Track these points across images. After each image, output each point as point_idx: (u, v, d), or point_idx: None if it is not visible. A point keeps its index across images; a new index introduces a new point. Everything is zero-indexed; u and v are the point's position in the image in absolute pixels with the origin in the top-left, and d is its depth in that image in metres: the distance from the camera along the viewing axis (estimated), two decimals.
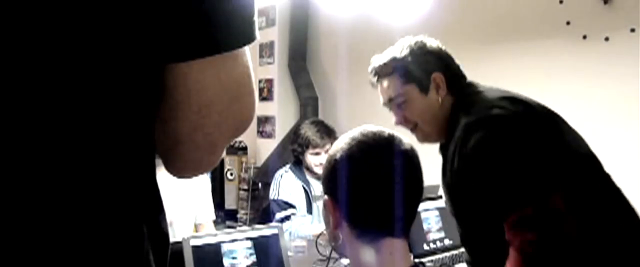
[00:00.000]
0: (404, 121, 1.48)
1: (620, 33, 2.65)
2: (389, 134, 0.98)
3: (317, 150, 2.72)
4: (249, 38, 0.58)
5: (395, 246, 0.95)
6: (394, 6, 3.62)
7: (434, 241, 2.25)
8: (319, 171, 2.85)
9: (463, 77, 1.50)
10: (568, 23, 2.83)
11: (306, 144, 2.73)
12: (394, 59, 1.47)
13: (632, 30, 2.61)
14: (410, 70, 1.45)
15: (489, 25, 3.22)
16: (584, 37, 2.79)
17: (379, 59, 1.52)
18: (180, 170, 0.63)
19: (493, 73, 3.21)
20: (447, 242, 2.30)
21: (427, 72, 1.44)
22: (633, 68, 2.58)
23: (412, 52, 1.47)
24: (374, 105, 4.17)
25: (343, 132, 1.03)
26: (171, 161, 0.62)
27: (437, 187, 2.69)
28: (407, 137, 1.02)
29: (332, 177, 0.98)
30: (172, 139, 0.59)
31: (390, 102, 1.49)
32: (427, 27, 3.47)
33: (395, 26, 3.57)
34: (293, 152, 2.84)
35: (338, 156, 0.97)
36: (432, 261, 2.14)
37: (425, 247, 2.22)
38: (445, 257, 2.20)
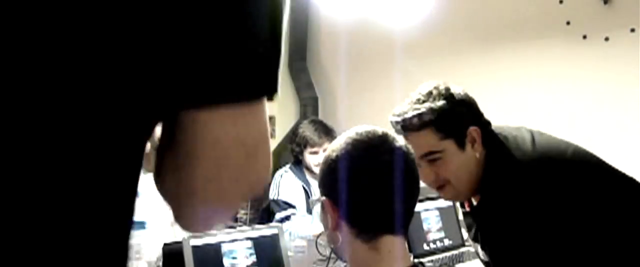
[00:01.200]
0: (435, 178, 1.34)
1: (620, 33, 2.65)
2: (383, 132, 0.99)
3: (315, 149, 2.73)
4: (270, 90, 0.54)
5: (395, 243, 0.95)
6: (394, 6, 3.62)
7: (434, 241, 2.25)
8: (318, 170, 2.84)
9: (489, 124, 1.36)
10: (568, 23, 2.84)
11: (304, 144, 2.74)
12: (431, 110, 1.29)
13: (632, 30, 2.61)
14: (448, 124, 1.30)
15: (489, 25, 3.22)
16: (584, 37, 2.79)
17: (407, 110, 1.33)
18: (190, 224, 0.60)
19: (493, 73, 3.22)
20: (447, 242, 2.29)
21: (464, 126, 1.30)
22: (633, 68, 2.58)
23: (448, 101, 1.30)
24: (374, 106, 4.19)
25: (343, 132, 1.04)
26: (182, 214, 0.59)
27: None
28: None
29: (328, 177, 0.98)
30: (185, 190, 0.55)
31: (422, 158, 1.33)
32: (427, 27, 3.48)
33: (395, 26, 3.58)
34: (292, 152, 2.84)
35: (334, 156, 0.98)
36: (432, 261, 2.14)
37: (425, 247, 2.22)
38: (445, 257, 2.20)
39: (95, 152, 0.49)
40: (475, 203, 1.39)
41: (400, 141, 0.99)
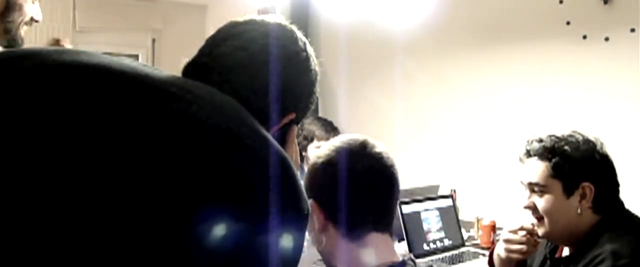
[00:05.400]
0: (532, 208, 1.41)
1: (620, 33, 2.65)
2: (363, 139, 1.08)
3: (321, 143, 2.76)
4: None
5: (380, 240, 1.03)
6: (394, 7, 3.62)
7: (434, 241, 2.26)
8: None
9: (617, 196, 1.40)
10: (568, 23, 2.83)
11: (311, 137, 2.78)
12: (554, 148, 1.37)
13: (632, 30, 2.61)
14: (564, 167, 1.35)
15: (489, 25, 3.22)
16: (584, 37, 2.79)
17: (539, 137, 1.42)
18: None
19: (493, 73, 3.22)
20: (447, 242, 2.30)
21: (580, 177, 1.34)
22: (633, 68, 2.58)
23: (576, 149, 1.36)
24: (374, 106, 4.18)
25: (343, 132, 1.06)
26: None
27: (437, 187, 2.69)
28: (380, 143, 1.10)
29: (315, 181, 1.07)
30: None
31: (527, 185, 1.42)
32: (427, 27, 3.48)
33: (395, 27, 3.58)
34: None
35: (319, 162, 1.07)
36: (432, 260, 2.14)
37: (425, 247, 2.22)
38: (445, 257, 2.20)
39: None
40: (567, 253, 1.43)
41: (379, 146, 1.08)
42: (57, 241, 0.48)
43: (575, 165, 1.34)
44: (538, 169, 1.37)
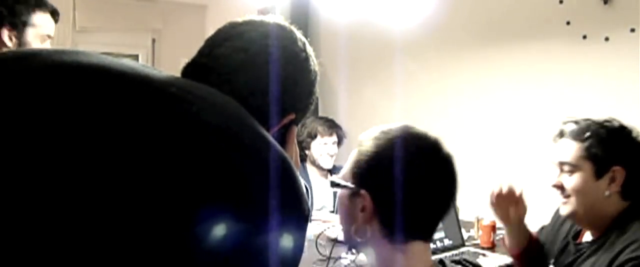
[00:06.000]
0: (561, 186, 1.40)
1: (620, 33, 2.65)
2: (435, 138, 0.97)
3: (325, 139, 2.77)
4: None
5: (422, 248, 0.96)
6: (394, 7, 3.62)
7: (434, 241, 2.25)
8: (325, 162, 2.86)
9: None
10: (568, 23, 2.83)
11: (314, 134, 2.79)
12: (589, 129, 1.37)
13: (632, 30, 2.61)
14: (596, 149, 1.35)
15: (489, 25, 3.22)
16: (584, 37, 2.79)
17: (575, 119, 1.43)
18: None
19: (493, 73, 3.22)
20: (447, 242, 2.30)
21: (611, 161, 1.34)
22: (633, 68, 2.58)
23: (610, 132, 1.37)
24: (373, 105, 4.17)
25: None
26: None
27: None
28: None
29: (372, 173, 0.94)
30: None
31: (557, 164, 1.41)
32: (427, 27, 3.48)
33: (394, 26, 3.57)
34: (299, 144, 2.86)
35: (384, 153, 0.94)
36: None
37: None
38: (445, 257, 2.20)
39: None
40: (591, 238, 1.43)
41: (447, 148, 0.97)
42: (59, 241, 0.48)
43: (608, 148, 1.35)
44: (571, 149, 1.38)
